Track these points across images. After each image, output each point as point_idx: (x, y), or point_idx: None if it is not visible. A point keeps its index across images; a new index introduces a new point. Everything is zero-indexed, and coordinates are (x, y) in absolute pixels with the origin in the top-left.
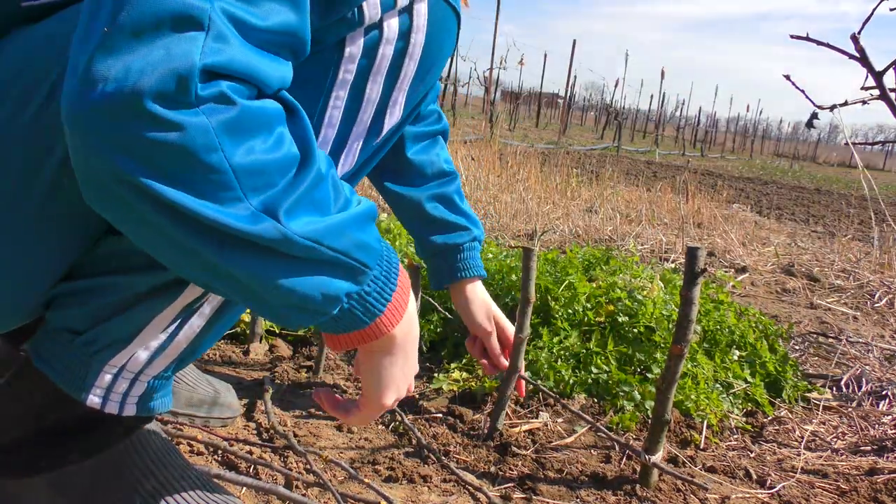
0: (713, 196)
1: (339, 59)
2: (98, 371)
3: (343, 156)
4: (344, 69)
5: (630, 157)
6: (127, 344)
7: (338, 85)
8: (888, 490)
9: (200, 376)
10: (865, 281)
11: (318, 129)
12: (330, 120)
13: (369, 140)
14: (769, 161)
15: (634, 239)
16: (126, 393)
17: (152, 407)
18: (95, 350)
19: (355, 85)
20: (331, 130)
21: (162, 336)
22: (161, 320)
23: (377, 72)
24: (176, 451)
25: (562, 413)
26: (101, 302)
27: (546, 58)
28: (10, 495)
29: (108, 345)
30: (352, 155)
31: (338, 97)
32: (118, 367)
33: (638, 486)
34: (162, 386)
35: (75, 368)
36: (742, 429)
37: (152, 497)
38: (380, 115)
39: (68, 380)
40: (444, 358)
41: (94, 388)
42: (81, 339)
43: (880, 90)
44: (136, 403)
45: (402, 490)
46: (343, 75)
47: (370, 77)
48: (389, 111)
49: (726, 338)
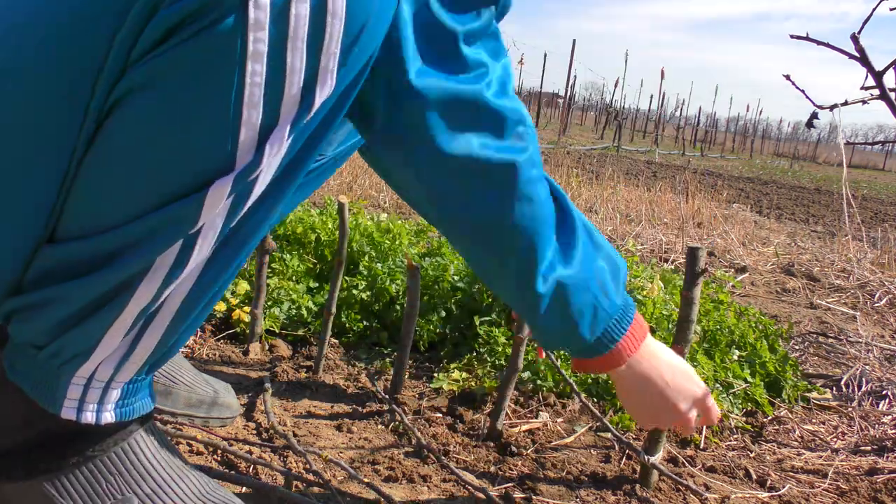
0: (713, 196)
1: (243, 25)
2: (67, 383)
3: (272, 136)
4: (252, 37)
5: (630, 157)
6: (90, 355)
7: (250, 56)
8: (888, 490)
9: (199, 376)
10: (865, 281)
11: (238, 109)
12: (251, 98)
13: (300, 116)
14: (769, 161)
15: (634, 239)
16: (100, 402)
17: (132, 411)
18: (60, 363)
19: (271, 54)
20: (254, 111)
21: (124, 343)
22: (118, 328)
23: (294, 36)
24: (175, 451)
25: (562, 413)
26: (53, 315)
27: (546, 58)
28: (8, 500)
29: (72, 357)
30: (281, 135)
31: (254, 71)
32: (87, 378)
33: (638, 486)
34: (139, 388)
35: (44, 382)
36: (742, 429)
37: (151, 498)
38: (309, 87)
39: (41, 393)
40: (444, 358)
41: (66, 401)
42: (45, 353)
43: (880, 90)
44: (114, 410)
45: (402, 490)
46: (253, 45)
47: (287, 43)
48: (320, 81)
49: (726, 338)
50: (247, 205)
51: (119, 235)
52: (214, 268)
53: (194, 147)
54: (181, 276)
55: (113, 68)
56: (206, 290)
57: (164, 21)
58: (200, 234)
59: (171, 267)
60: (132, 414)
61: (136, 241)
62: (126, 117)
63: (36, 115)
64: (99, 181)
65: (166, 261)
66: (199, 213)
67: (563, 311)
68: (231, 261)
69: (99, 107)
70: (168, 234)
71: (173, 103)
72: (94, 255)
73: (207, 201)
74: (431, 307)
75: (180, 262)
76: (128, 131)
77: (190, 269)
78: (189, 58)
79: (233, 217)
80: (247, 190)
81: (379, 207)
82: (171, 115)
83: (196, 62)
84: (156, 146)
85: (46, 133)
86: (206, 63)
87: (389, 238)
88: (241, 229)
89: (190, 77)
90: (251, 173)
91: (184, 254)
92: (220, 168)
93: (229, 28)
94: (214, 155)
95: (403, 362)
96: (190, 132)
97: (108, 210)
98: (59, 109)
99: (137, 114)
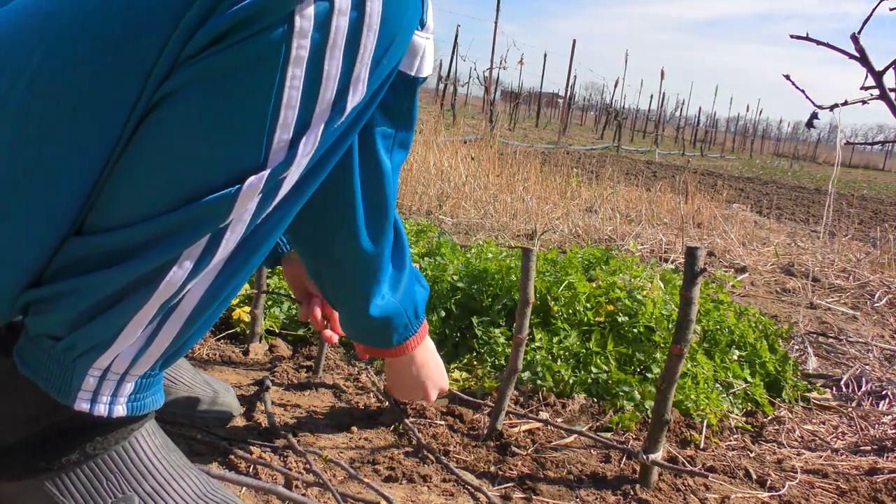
0: (713, 196)
1: (289, 33)
2: (83, 375)
3: (305, 137)
4: (297, 44)
5: (630, 157)
6: (108, 346)
7: (292, 62)
8: (888, 490)
9: (199, 377)
10: (865, 281)
11: (276, 110)
12: (289, 100)
13: (332, 120)
14: (769, 161)
15: (634, 239)
16: (114, 394)
17: (143, 406)
18: (77, 354)
19: (311, 60)
20: (290, 112)
21: (143, 336)
22: (139, 320)
23: (333, 45)
24: (176, 451)
25: (562, 413)
26: (75, 306)
27: (546, 58)
28: (8, 498)
29: (90, 348)
30: (314, 137)
31: (294, 76)
32: (102, 370)
33: (638, 486)
34: (151, 384)
35: (60, 374)
36: (742, 429)
37: (152, 497)
38: (342, 93)
39: (54, 385)
40: (444, 358)
41: (80, 392)
42: (62, 345)
43: (880, 90)
44: (126, 403)
45: (402, 490)
46: (296, 51)
47: (326, 51)
48: (352, 88)
49: (726, 338)
50: (274, 202)
51: (149, 228)
52: (233, 265)
53: (232, 145)
54: (206, 269)
55: (162, 68)
56: (223, 287)
57: (215, 28)
58: (228, 228)
59: (197, 260)
60: (143, 409)
61: (166, 233)
62: (168, 115)
63: (82, 109)
64: (135, 176)
65: (193, 254)
66: (231, 208)
67: (384, 328)
68: (250, 257)
69: (144, 104)
70: (198, 228)
71: (215, 103)
72: (121, 247)
73: (240, 197)
74: (431, 307)
75: (206, 255)
76: (169, 129)
77: (215, 262)
78: (234, 61)
79: (260, 213)
80: (276, 188)
81: None
82: (212, 114)
83: (240, 65)
84: (195, 144)
85: (90, 128)
86: (251, 66)
87: None
88: (262, 228)
89: (233, 79)
90: (283, 171)
91: (210, 248)
92: (255, 165)
93: (278, 36)
94: (250, 153)
95: None
96: (229, 131)
97: (140, 203)
98: (105, 105)
99: (179, 112)
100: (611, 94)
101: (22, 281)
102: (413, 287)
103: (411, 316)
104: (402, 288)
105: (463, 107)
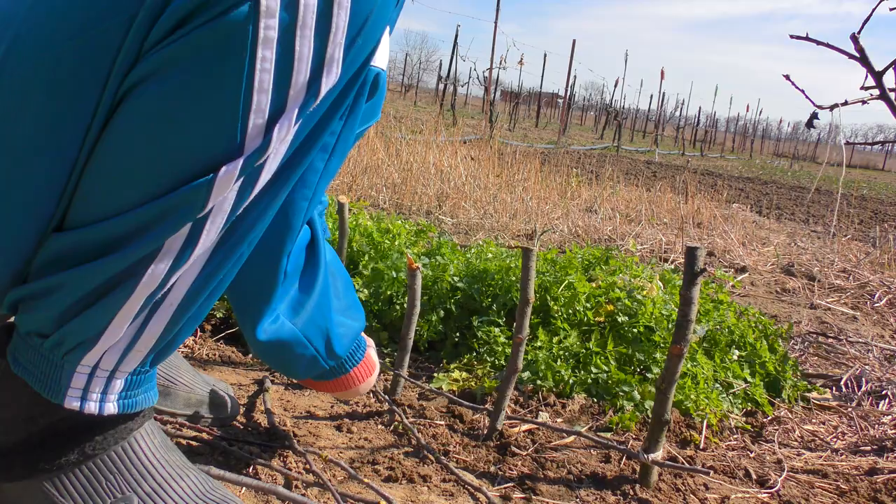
0: (713, 196)
1: (255, 13)
2: (71, 372)
3: (280, 122)
4: (264, 24)
5: (630, 157)
6: (96, 342)
7: (261, 43)
8: (888, 490)
9: (198, 377)
10: (865, 281)
11: (248, 95)
12: (260, 84)
13: (307, 103)
14: (769, 161)
15: (634, 239)
16: (104, 391)
17: (135, 403)
18: (65, 351)
19: (281, 41)
20: (263, 96)
21: (130, 330)
22: (125, 314)
23: (303, 24)
24: (175, 451)
25: (561, 413)
26: (61, 302)
27: (546, 58)
28: (8, 498)
29: (77, 345)
30: (288, 122)
31: (264, 58)
32: (91, 367)
33: (638, 486)
34: (143, 381)
35: (49, 371)
36: (742, 429)
37: (151, 497)
38: (316, 75)
39: (44, 384)
40: (444, 358)
41: (70, 390)
42: (50, 342)
43: (880, 90)
44: (117, 401)
45: (402, 490)
46: (264, 32)
47: (296, 31)
48: (326, 69)
49: (726, 338)
50: (255, 190)
51: (128, 220)
52: (217, 257)
53: (205, 132)
54: (189, 261)
55: (128, 55)
56: (209, 280)
57: (178, 10)
58: (209, 218)
59: (180, 250)
60: (135, 406)
61: (146, 224)
62: (138, 105)
63: (49, 98)
64: (110, 168)
65: (175, 244)
66: (208, 196)
67: (278, 356)
68: (235, 248)
69: (112, 94)
70: (177, 218)
71: (185, 89)
72: (102, 241)
73: (217, 185)
74: (431, 307)
75: (189, 245)
76: (140, 117)
77: (198, 253)
78: (201, 44)
79: (240, 203)
80: (254, 175)
81: (379, 207)
82: (182, 102)
83: (208, 48)
84: (167, 132)
85: (58, 117)
86: (218, 49)
87: (388, 237)
88: (247, 217)
89: (202, 63)
90: (259, 158)
91: (192, 237)
92: (230, 152)
93: (242, 16)
94: (224, 139)
95: (403, 362)
96: (201, 118)
97: (117, 196)
98: (71, 91)
99: (149, 101)
100: (611, 94)
101: (4, 277)
102: (329, 316)
103: (320, 349)
104: (307, 314)
105: (463, 107)
